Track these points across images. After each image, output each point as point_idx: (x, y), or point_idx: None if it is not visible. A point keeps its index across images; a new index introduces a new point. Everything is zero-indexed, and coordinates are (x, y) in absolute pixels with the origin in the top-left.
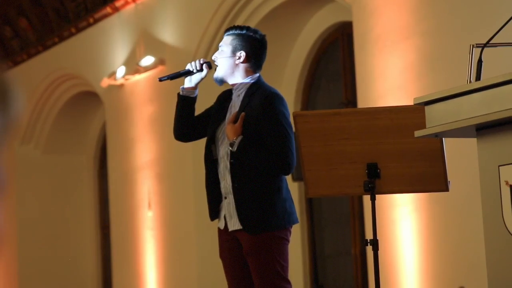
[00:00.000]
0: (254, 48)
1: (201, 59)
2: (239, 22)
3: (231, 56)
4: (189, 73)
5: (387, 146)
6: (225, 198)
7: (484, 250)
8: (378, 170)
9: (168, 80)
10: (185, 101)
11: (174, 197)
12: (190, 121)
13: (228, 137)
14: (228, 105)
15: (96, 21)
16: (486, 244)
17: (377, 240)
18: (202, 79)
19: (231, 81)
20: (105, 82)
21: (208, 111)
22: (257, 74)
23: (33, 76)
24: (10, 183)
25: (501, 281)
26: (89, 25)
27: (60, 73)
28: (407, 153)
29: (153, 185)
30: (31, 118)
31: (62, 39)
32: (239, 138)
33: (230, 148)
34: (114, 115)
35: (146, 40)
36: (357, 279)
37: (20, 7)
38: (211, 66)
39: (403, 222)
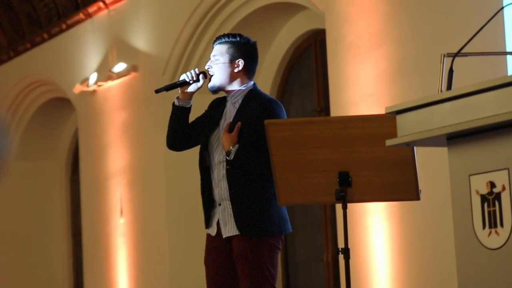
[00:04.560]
0: (250, 56)
1: (196, 69)
2: (213, 29)
3: (229, 65)
4: (185, 83)
5: (358, 155)
6: (219, 204)
7: (454, 258)
8: (350, 179)
9: (159, 90)
10: (181, 111)
11: (146, 204)
12: (185, 131)
13: (224, 147)
14: (222, 112)
15: (69, 27)
16: (456, 252)
17: (348, 249)
18: (198, 89)
19: (228, 89)
20: (78, 88)
21: (200, 119)
22: (252, 82)
23: (4, 82)
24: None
25: None
26: (62, 31)
27: (32, 79)
28: (379, 162)
29: (125, 192)
30: None
31: (34, 44)
32: (236, 146)
33: (227, 157)
34: (86, 122)
35: (118, 47)
36: (329, 286)
37: None
38: (206, 75)
39: (375, 230)
